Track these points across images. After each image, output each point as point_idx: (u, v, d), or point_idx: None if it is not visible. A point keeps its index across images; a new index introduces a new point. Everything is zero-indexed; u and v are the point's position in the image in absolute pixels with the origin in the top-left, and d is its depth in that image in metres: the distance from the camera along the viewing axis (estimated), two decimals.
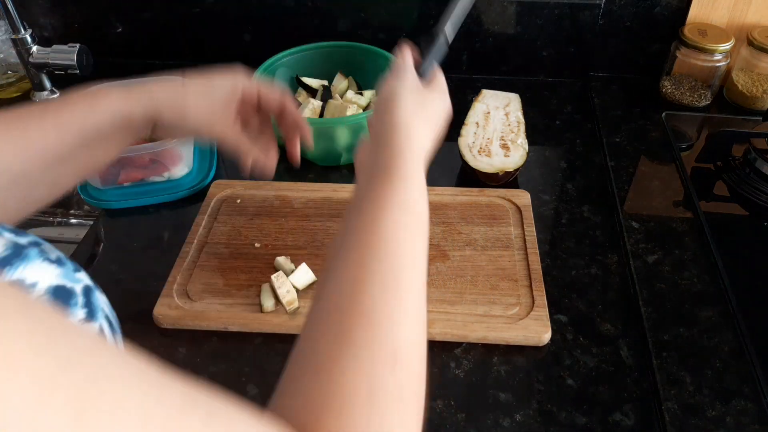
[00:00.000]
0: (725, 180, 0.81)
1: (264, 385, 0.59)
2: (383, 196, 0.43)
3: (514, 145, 0.83)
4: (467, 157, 0.82)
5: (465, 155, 0.82)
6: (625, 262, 0.70)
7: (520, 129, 0.86)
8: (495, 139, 0.85)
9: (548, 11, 0.97)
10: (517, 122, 0.88)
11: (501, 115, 0.88)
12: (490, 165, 0.81)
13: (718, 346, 0.60)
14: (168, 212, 0.80)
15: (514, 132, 0.86)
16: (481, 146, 0.84)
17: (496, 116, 0.88)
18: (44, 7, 1.04)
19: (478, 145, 0.84)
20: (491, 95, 0.91)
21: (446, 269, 0.68)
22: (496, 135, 0.86)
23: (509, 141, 0.84)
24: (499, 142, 0.84)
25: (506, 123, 0.87)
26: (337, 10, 1.00)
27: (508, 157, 0.83)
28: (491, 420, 0.55)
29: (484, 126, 0.87)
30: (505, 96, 0.92)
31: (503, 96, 0.92)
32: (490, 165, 0.81)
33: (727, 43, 0.89)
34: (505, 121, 0.87)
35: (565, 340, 0.62)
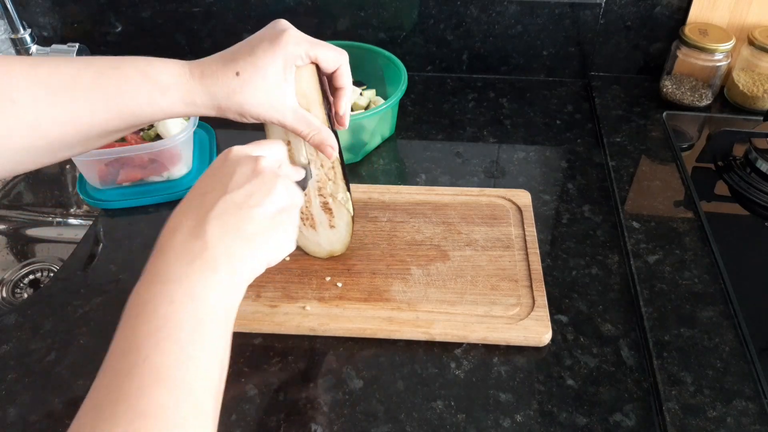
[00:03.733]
0: (726, 180, 0.81)
1: (263, 385, 0.59)
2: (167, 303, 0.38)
3: (335, 203, 0.61)
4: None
5: None
6: (626, 262, 0.70)
7: (336, 171, 0.60)
8: (312, 196, 0.62)
9: (548, 11, 0.97)
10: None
11: (309, 147, 0.60)
12: (318, 245, 0.65)
13: (719, 346, 0.60)
14: (167, 212, 0.78)
15: (330, 178, 0.61)
16: (303, 210, 0.62)
17: (299, 149, 0.60)
18: (43, 7, 1.04)
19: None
20: None
21: (446, 269, 0.68)
22: (312, 188, 0.62)
23: (329, 197, 0.61)
24: (319, 201, 0.62)
25: (317, 160, 0.60)
26: (337, 10, 1.00)
27: (333, 228, 0.63)
28: (491, 420, 0.55)
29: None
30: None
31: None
32: (317, 246, 0.65)
33: (728, 43, 0.89)
34: (316, 158, 0.60)
35: (566, 340, 0.62)
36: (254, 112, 0.53)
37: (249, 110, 0.53)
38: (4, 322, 0.65)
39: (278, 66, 0.53)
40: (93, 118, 0.48)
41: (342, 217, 0.63)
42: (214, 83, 0.52)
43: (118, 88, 0.49)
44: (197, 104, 0.52)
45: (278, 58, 0.52)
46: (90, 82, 0.48)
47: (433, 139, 0.91)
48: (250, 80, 0.52)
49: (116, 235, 0.76)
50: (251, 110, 0.53)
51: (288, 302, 0.65)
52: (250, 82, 0.52)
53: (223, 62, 0.52)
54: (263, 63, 0.52)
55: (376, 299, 0.65)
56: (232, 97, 0.52)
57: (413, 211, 0.75)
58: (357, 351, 0.61)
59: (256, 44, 0.53)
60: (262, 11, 1.01)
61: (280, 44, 0.52)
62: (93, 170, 0.78)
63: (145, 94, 0.50)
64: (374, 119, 0.83)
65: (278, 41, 0.52)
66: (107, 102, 0.48)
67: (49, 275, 0.85)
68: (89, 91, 0.47)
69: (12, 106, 0.44)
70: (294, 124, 0.55)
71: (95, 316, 0.66)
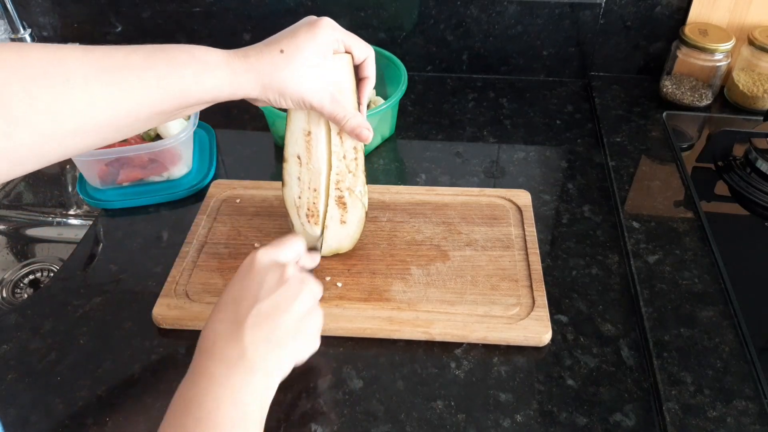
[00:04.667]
0: (726, 180, 0.81)
1: None
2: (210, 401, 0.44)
3: (352, 197, 0.60)
4: (295, 224, 0.62)
5: (293, 219, 0.62)
6: (626, 262, 0.70)
7: (359, 162, 0.60)
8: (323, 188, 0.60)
9: (548, 11, 0.97)
10: (354, 149, 0.59)
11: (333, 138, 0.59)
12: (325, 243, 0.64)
13: (719, 347, 0.60)
14: (167, 212, 0.79)
15: (352, 171, 0.60)
16: (309, 206, 0.61)
17: (320, 139, 0.59)
18: (43, 7, 1.04)
19: (305, 203, 0.61)
20: None
21: (446, 269, 0.68)
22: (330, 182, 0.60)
23: (345, 191, 0.60)
24: (335, 194, 0.60)
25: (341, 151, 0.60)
26: (337, 10, 1.00)
27: (343, 224, 0.61)
28: (491, 421, 0.55)
29: (307, 162, 0.60)
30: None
31: None
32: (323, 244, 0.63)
33: (728, 43, 0.89)
34: (340, 149, 0.60)
35: (566, 340, 0.62)
36: (296, 90, 0.55)
37: (292, 88, 0.54)
38: (4, 322, 0.65)
39: (319, 47, 0.55)
40: (143, 97, 0.49)
41: (356, 212, 0.62)
42: (258, 60, 0.53)
43: (167, 67, 0.50)
44: (241, 83, 0.53)
45: (318, 40, 0.55)
46: (140, 62, 0.49)
47: (433, 139, 0.91)
48: (293, 57, 0.54)
49: (116, 235, 0.76)
50: (294, 88, 0.54)
51: None
52: (293, 59, 0.54)
53: (267, 43, 0.55)
54: (305, 44, 0.54)
55: (376, 299, 0.65)
56: (275, 73, 0.53)
57: (413, 211, 0.75)
58: (357, 351, 0.61)
59: (296, 29, 0.55)
60: (262, 11, 1.01)
61: (320, 28, 0.55)
62: (93, 170, 0.78)
63: (192, 73, 0.51)
64: (374, 119, 0.83)
65: (317, 25, 0.55)
66: (157, 80, 0.49)
67: (49, 275, 0.85)
68: (140, 70, 0.48)
69: (65, 86, 0.45)
70: (332, 109, 0.57)
71: (95, 316, 0.66)
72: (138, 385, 0.59)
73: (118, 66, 0.48)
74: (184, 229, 0.73)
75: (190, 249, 0.71)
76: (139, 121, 0.50)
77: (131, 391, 0.58)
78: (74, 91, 0.45)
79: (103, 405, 0.57)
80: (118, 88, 0.47)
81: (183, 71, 0.50)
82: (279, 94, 0.55)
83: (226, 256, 0.70)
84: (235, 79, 0.53)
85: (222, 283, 0.67)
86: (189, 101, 0.51)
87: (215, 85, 0.52)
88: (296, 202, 0.62)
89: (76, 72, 0.46)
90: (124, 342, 0.63)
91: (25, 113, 0.43)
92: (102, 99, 0.47)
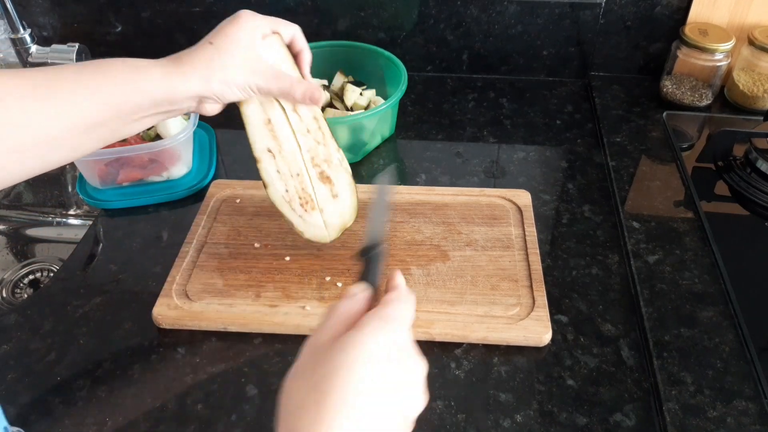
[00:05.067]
0: (726, 180, 0.81)
1: (263, 385, 0.59)
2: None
3: (332, 168, 0.59)
4: (294, 222, 0.61)
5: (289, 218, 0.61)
6: (626, 262, 0.70)
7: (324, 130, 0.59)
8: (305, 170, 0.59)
9: (548, 11, 0.97)
10: (314, 118, 0.59)
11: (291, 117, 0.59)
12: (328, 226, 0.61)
13: (719, 346, 0.60)
14: (167, 212, 0.79)
15: (320, 142, 0.59)
16: (300, 194, 0.60)
17: (281, 121, 0.59)
18: (43, 7, 1.04)
19: (294, 193, 0.60)
20: None
21: (446, 269, 0.68)
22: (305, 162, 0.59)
23: (324, 163, 0.58)
24: (315, 172, 0.59)
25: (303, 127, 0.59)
26: (337, 10, 1.00)
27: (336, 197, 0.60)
28: (491, 421, 0.55)
29: (279, 151, 0.59)
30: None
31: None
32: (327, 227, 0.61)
33: (728, 43, 0.89)
34: (300, 125, 0.59)
35: (566, 340, 0.62)
36: (238, 75, 0.55)
37: (233, 74, 0.54)
38: (4, 322, 0.65)
39: (246, 33, 0.56)
40: (77, 107, 0.49)
41: (342, 181, 0.60)
42: (191, 57, 0.54)
43: (99, 74, 0.51)
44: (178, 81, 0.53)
45: (243, 26, 0.56)
46: (72, 75, 0.49)
47: (433, 139, 0.91)
48: (225, 47, 0.54)
49: (116, 235, 0.76)
50: (236, 73, 0.54)
51: (288, 302, 0.65)
52: (226, 48, 0.54)
53: (195, 45, 0.55)
54: (232, 32, 0.55)
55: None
56: (212, 63, 0.54)
57: (413, 211, 0.75)
58: None
59: (221, 25, 0.57)
60: (262, 11, 1.01)
61: (241, 17, 0.57)
62: (93, 170, 0.78)
63: (123, 77, 0.51)
64: (374, 119, 0.83)
65: (238, 15, 0.57)
66: (88, 88, 0.49)
67: (49, 275, 0.85)
68: (72, 83, 0.49)
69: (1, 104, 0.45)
70: (278, 83, 0.57)
71: (95, 316, 0.66)
72: (138, 385, 0.59)
73: (50, 82, 0.48)
74: (184, 229, 0.73)
75: (190, 249, 0.71)
76: (79, 135, 0.50)
77: (131, 391, 0.58)
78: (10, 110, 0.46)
79: (103, 405, 0.57)
80: (53, 102, 0.48)
81: (115, 76, 0.51)
82: (223, 83, 0.54)
83: (226, 256, 0.70)
84: (170, 77, 0.52)
85: (222, 283, 0.67)
86: (124, 107, 0.51)
87: (148, 86, 0.51)
88: (285, 197, 0.60)
89: (11, 91, 0.46)
90: (124, 342, 0.63)
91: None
92: (37, 114, 0.47)
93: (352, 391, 0.35)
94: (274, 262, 0.69)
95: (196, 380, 0.59)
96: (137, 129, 0.54)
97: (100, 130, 0.51)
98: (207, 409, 0.57)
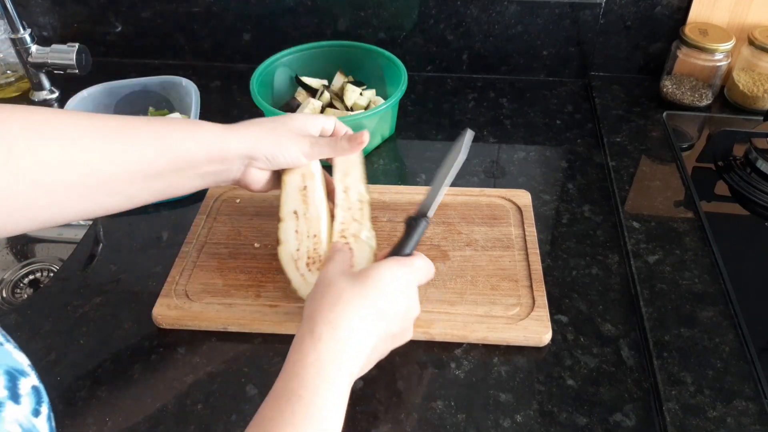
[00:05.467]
0: (726, 180, 0.81)
1: (263, 385, 0.58)
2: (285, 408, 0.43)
3: (358, 242, 0.61)
4: (293, 279, 0.61)
5: (290, 274, 0.61)
6: (626, 262, 0.70)
7: (364, 212, 0.62)
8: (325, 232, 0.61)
9: (548, 11, 0.97)
10: (360, 201, 0.63)
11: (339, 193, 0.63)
12: None
13: (719, 346, 0.60)
14: (167, 212, 0.79)
15: (356, 219, 0.62)
16: (309, 254, 0.61)
17: (316, 188, 0.62)
18: (43, 7, 1.04)
19: (304, 253, 0.61)
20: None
21: (446, 269, 0.68)
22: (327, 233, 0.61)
23: (351, 237, 0.61)
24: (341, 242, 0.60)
25: (345, 204, 0.63)
26: (336, 10, 1.00)
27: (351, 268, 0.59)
28: (491, 421, 0.55)
29: (304, 213, 0.62)
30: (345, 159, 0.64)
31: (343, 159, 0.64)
32: None
33: (728, 43, 0.89)
34: (344, 202, 0.63)
35: (566, 340, 0.62)
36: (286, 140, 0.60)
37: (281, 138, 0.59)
38: (4, 322, 0.65)
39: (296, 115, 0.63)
40: (139, 154, 0.52)
41: (363, 255, 0.61)
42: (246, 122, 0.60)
43: (164, 123, 0.56)
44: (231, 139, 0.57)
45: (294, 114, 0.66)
46: (140, 124, 0.54)
47: (433, 139, 0.91)
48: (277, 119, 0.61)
49: (116, 235, 0.76)
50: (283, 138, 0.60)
51: (288, 302, 0.65)
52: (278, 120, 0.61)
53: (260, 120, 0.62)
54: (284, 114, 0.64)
55: None
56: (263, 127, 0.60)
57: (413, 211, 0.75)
58: None
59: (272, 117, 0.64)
60: (262, 11, 1.01)
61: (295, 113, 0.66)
62: None
63: (185, 126, 0.56)
64: (374, 119, 0.83)
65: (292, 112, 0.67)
66: (154, 139, 0.53)
67: (49, 275, 0.85)
68: (138, 131, 0.53)
69: (69, 142, 0.49)
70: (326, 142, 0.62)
71: (95, 316, 0.66)
72: (138, 385, 0.59)
73: (121, 125, 0.52)
74: (184, 229, 0.73)
75: (190, 249, 0.71)
76: (135, 182, 0.53)
77: (131, 391, 0.58)
78: (79, 147, 0.49)
79: (103, 405, 0.57)
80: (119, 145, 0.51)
81: (177, 126, 0.56)
82: (275, 145, 0.59)
83: (226, 256, 0.70)
84: (224, 134, 0.57)
85: (222, 283, 0.67)
86: (181, 156, 0.55)
87: (205, 138, 0.56)
88: (294, 255, 0.61)
89: (80, 130, 0.50)
90: (124, 342, 0.63)
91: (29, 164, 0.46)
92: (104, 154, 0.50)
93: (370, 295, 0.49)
94: (274, 262, 0.69)
95: (196, 380, 0.59)
96: (189, 187, 0.58)
97: (157, 181, 0.55)
98: (207, 409, 0.57)
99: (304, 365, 0.45)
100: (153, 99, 0.92)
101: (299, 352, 0.45)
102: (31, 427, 0.31)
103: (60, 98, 1.00)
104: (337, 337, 0.46)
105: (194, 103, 0.85)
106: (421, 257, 0.55)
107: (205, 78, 1.03)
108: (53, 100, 1.00)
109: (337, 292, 0.49)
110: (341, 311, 0.47)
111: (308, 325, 0.47)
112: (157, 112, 0.92)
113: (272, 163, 0.60)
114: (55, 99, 1.00)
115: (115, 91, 0.90)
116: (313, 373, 0.44)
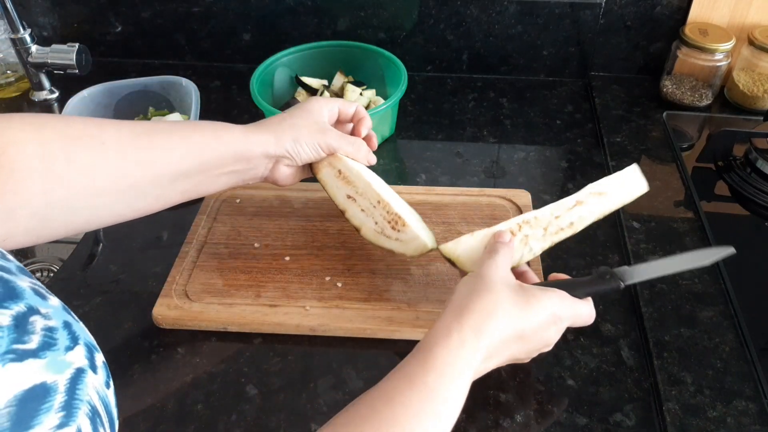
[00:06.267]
0: (726, 180, 0.81)
1: (263, 385, 0.59)
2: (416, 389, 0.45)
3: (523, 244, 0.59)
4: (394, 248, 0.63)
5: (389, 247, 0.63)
6: (626, 262, 0.70)
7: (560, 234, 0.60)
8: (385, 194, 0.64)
9: (548, 11, 0.97)
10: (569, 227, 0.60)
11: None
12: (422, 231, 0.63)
13: (719, 347, 0.60)
14: (167, 212, 0.78)
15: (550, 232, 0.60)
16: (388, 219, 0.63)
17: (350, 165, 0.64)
18: (43, 7, 1.04)
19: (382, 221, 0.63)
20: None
21: (446, 269, 0.68)
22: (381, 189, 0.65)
23: (523, 235, 0.59)
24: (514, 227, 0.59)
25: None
26: (336, 10, 1.00)
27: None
28: (491, 420, 0.55)
29: (356, 191, 0.64)
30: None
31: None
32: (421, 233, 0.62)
33: (728, 43, 0.89)
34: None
35: (566, 340, 0.62)
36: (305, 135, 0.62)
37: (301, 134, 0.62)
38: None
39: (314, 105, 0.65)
40: (167, 153, 0.55)
41: (517, 257, 0.59)
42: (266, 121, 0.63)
43: (190, 127, 0.58)
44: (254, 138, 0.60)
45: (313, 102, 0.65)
46: (167, 128, 0.56)
47: (433, 139, 0.91)
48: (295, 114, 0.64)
49: (116, 235, 0.76)
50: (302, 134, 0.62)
51: (288, 302, 0.65)
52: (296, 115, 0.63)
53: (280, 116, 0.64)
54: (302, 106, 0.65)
55: (376, 299, 0.64)
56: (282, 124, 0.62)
57: None
58: (357, 351, 0.61)
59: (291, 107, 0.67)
60: (262, 11, 1.01)
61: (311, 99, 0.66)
62: None
63: (210, 128, 0.59)
64: (374, 119, 0.83)
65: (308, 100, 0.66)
66: (180, 141, 0.56)
67: (49, 275, 0.85)
68: (166, 134, 0.56)
69: (101, 147, 0.51)
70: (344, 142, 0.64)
71: (95, 316, 0.66)
72: (138, 385, 0.59)
73: (147, 131, 0.55)
74: (184, 229, 0.73)
75: (190, 249, 0.71)
76: (167, 186, 0.56)
77: (131, 391, 0.58)
78: (109, 153, 0.51)
79: None
80: (148, 150, 0.54)
81: (203, 128, 0.58)
82: (295, 141, 0.61)
83: (225, 256, 0.70)
84: (247, 134, 0.60)
85: (222, 283, 0.67)
86: (208, 156, 0.57)
87: (230, 139, 0.59)
88: (377, 229, 0.64)
89: (111, 136, 0.52)
90: (123, 342, 0.63)
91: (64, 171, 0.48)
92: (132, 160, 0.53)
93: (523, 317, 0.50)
94: (274, 262, 0.69)
95: (196, 380, 0.59)
96: (215, 187, 0.61)
97: (185, 182, 0.57)
98: (207, 409, 0.57)
99: (446, 362, 0.46)
100: (153, 99, 0.92)
101: (446, 347, 0.46)
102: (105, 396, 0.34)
103: (60, 98, 1.00)
104: (479, 345, 0.47)
105: (194, 103, 0.85)
106: (590, 307, 0.54)
107: (205, 78, 1.03)
108: (53, 100, 1.00)
109: (494, 302, 0.49)
110: (492, 326, 0.48)
111: (457, 322, 0.47)
112: (157, 112, 0.92)
113: (296, 160, 0.63)
114: (55, 99, 1.00)
115: (115, 91, 0.90)
116: (448, 372, 0.45)
